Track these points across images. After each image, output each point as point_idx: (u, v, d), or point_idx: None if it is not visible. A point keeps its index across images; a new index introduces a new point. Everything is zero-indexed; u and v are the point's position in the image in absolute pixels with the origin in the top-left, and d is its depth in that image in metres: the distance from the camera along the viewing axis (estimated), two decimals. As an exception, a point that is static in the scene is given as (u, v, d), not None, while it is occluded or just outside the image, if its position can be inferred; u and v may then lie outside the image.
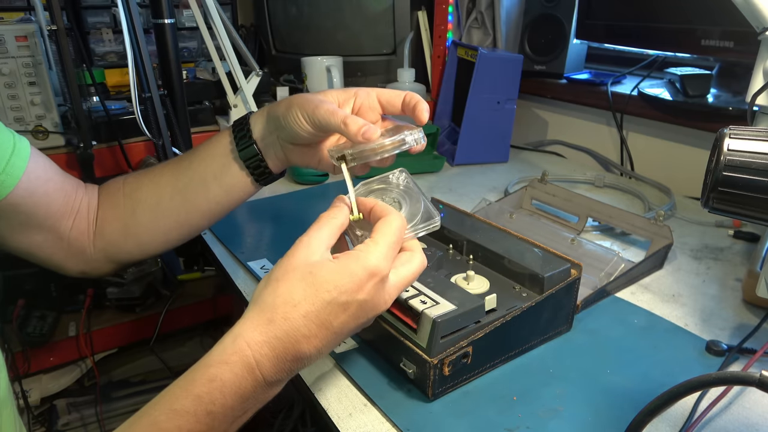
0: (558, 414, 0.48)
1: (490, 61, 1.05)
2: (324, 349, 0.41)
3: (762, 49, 0.63)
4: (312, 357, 0.41)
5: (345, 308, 0.41)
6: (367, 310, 0.42)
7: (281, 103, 0.54)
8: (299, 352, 0.40)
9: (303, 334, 0.40)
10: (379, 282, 0.42)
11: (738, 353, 0.55)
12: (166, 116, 0.90)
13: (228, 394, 0.38)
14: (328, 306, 0.40)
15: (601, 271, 0.66)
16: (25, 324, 1.12)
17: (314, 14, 1.27)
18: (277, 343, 0.39)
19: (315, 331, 0.40)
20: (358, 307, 0.41)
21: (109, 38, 1.22)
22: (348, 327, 0.42)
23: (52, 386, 1.22)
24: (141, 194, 0.61)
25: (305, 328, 0.40)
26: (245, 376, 0.38)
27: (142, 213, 0.60)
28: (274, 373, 0.40)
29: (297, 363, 0.40)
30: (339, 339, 0.42)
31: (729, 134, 0.39)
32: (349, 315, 0.41)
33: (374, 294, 0.42)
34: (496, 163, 1.14)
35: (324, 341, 0.41)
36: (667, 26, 0.95)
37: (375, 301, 0.42)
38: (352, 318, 0.41)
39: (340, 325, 0.41)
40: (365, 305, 0.41)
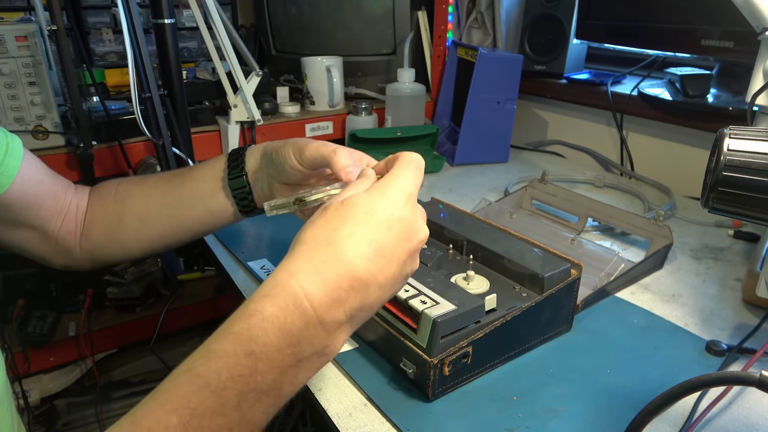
0: (558, 414, 0.48)
1: (490, 61, 1.05)
2: (380, 279, 0.37)
3: (762, 49, 0.63)
4: (371, 286, 0.36)
5: (389, 227, 0.37)
6: (411, 231, 0.38)
7: (275, 143, 0.56)
8: (355, 277, 0.35)
9: (353, 254, 0.35)
10: (412, 201, 0.40)
11: (738, 353, 0.55)
12: (166, 116, 0.90)
13: (271, 331, 0.33)
14: (372, 225, 0.37)
15: (601, 271, 0.66)
16: (25, 324, 1.12)
17: (314, 14, 1.27)
18: (325, 267, 0.35)
19: (364, 251, 0.36)
20: (400, 225, 0.38)
21: (109, 38, 1.22)
22: (396, 249, 0.37)
23: (52, 386, 1.22)
24: (131, 202, 0.62)
25: (353, 248, 0.36)
26: (291, 308, 0.34)
27: (129, 221, 0.61)
28: (328, 307, 0.35)
29: (356, 295, 0.35)
30: (394, 267, 0.38)
31: (729, 134, 0.39)
32: (394, 235, 0.37)
33: (411, 212, 0.39)
34: (496, 163, 1.14)
35: (378, 266, 0.36)
36: (667, 26, 0.95)
37: (413, 222, 0.39)
38: (398, 238, 0.38)
39: (388, 246, 0.37)
40: (406, 223, 0.38)
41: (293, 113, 1.18)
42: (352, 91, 1.29)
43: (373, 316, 0.52)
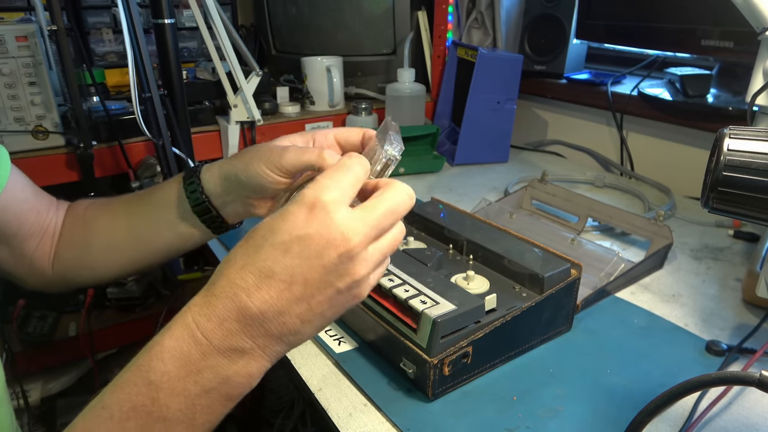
0: (558, 414, 0.48)
1: (490, 61, 1.05)
2: (282, 305, 0.35)
3: (762, 49, 0.63)
4: (268, 315, 0.35)
5: (285, 249, 0.35)
6: (319, 247, 0.34)
7: (235, 162, 0.52)
8: (243, 308, 0.34)
9: (240, 286, 0.35)
10: (321, 212, 0.35)
11: (738, 353, 0.55)
12: (166, 116, 0.90)
13: (169, 360, 0.34)
14: (263, 250, 0.35)
15: (601, 271, 0.66)
16: (25, 324, 1.12)
17: (314, 14, 1.27)
18: (214, 301, 0.35)
19: (253, 281, 0.35)
20: (301, 244, 0.34)
21: (109, 38, 1.22)
22: (298, 271, 0.35)
23: (52, 386, 1.22)
24: (96, 228, 0.60)
25: (241, 279, 0.35)
26: (185, 338, 0.34)
27: (96, 247, 0.59)
28: (220, 335, 0.34)
29: (248, 322, 0.35)
30: (299, 291, 0.35)
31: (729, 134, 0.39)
32: (293, 256, 0.34)
33: (319, 226, 0.34)
34: (496, 163, 1.14)
35: (272, 293, 0.35)
36: (667, 26, 0.95)
37: (324, 234, 0.34)
38: (300, 259, 0.34)
39: (285, 269, 0.35)
40: (311, 241, 0.34)
41: (293, 113, 1.18)
42: (352, 91, 1.29)
43: (373, 316, 0.52)
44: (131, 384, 0.34)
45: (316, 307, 0.36)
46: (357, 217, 0.36)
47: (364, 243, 0.36)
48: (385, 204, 0.37)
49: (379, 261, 0.37)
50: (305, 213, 0.35)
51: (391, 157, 0.42)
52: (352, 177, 0.37)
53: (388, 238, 0.38)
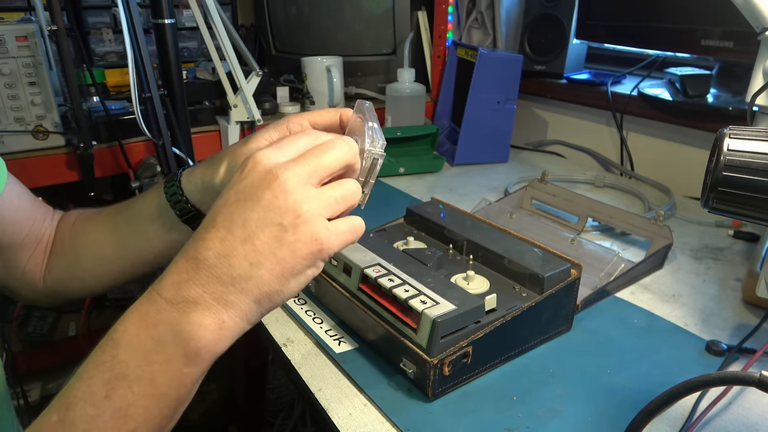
0: (558, 414, 0.48)
1: (490, 61, 1.05)
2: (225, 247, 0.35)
3: (762, 49, 0.63)
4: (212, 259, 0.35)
5: (225, 201, 0.36)
6: (251, 190, 0.36)
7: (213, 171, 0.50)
8: (191, 258, 0.35)
9: (189, 244, 0.36)
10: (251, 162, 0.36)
11: (738, 353, 0.55)
12: (166, 116, 0.90)
13: (128, 321, 0.36)
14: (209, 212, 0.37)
15: (601, 271, 0.66)
16: (25, 324, 1.13)
17: (314, 14, 1.27)
18: (172, 265, 0.36)
19: (200, 234, 0.36)
20: (238, 193, 0.36)
21: (109, 38, 1.22)
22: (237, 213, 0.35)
23: (52, 386, 1.22)
24: (83, 241, 0.59)
25: (192, 239, 0.36)
26: (143, 300, 0.36)
27: (85, 260, 0.59)
28: (171, 288, 0.35)
29: (195, 271, 0.35)
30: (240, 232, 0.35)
31: (729, 134, 0.39)
32: (231, 204, 0.36)
33: (249, 173, 0.36)
34: (496, 163, 1.14)
35: (215, 238, 0.35)
36: (667, 26, 0.95)
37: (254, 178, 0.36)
38: (237, 204, 0.36)
39: (225, 217, 0.36)
40: (245, 187, 0.36)
41: (293, 113, 1.18)
42: (352, 91, 1.29)
43: (373, 316, 0.52)
44: (97, 347, 0.36)
45: (262, 247, 0.35)
46: (279, 152, 0.37)
47: (296, 178, 0.36)
48: (305, 136, 0.39)
49: (324, 203, 0.36)
50: (240, 170, 0.37)
51: (376, 156, 0.42)
52: (292, 139, 0.38)
53: (334, 187, 0.37)
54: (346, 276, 0.57)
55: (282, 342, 0.57)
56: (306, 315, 0.61)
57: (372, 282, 0.53)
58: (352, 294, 0.56)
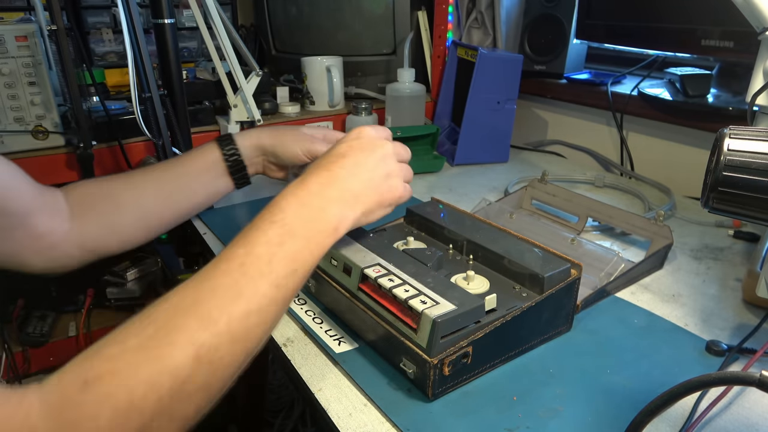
0: (558, 414, 0.48)
1: (490, 61, 1.05)
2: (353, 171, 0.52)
3: (762, 49, 0.63)
4: (345, 176, 0.51)
5: (349, 145, 0.54)
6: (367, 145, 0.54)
7: (273, 138, 0.74)
8: (330, 171, 0.51)
9: (325, 162, 0.53)
10: (367, 130, 0.56)
11: (738, 353, 0.55)
12: (166, 116, 0.90)
13: (287, 199, 0.49)
14: (335, 149, 0.54)
15: (601, 271, 0.66)
16: (25, 324, 1.13)
17: (314, 14, 1.27)
18: (309, 172, 0.52)
19: (334, 159, 0.53)
20: (354, 143, 0.54)
21: (109, 38, 1.22)
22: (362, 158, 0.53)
23: (52, 386, 1.21)
24: (125, 198, 0.68)
25: (325, 160, 0.53)
26: (297, 182, 0.50)
27: (127, 214, 0.68)
28: (317, 187, 0.50)
29: (334, 178, 0.51)
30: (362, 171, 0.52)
31: (729, 134, 0.39)
32: (355, 149, 0.54)
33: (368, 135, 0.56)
34: (496, 163, 1.14)
35: (347, 162, 0.52)
36: (667, 26, 0.95)
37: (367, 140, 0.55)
38: (360, 151, 0.53)
39: (354, 154, 0.53)
40: (358, 143, 0.54)
41: (293, 113, 1.18)
42: (352, 91, 1.29)
43: (373, 316, 0.52)
44: (265, 214, 0.48)
45: (374, 179, 0.53)
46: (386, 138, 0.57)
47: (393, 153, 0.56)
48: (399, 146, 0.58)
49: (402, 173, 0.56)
50: (356, 135, 0.56)
51: None
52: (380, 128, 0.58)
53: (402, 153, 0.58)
54: (346, 276, 0.57)
55: (282, 342, 0.57)
56: (306, 315, 0.61)
57: (372, 282, 0.53)
58: (352, 294, 0.56)
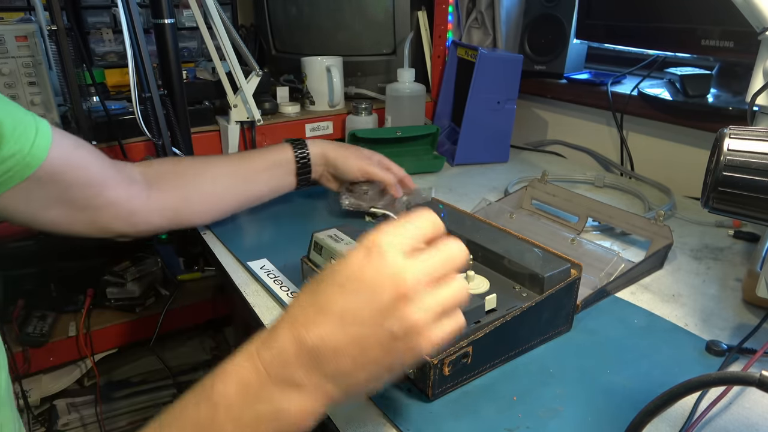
0: (558, 414, 0.48)
1: (490, 61, 1.05)
2: (336, 342, 0.35)
3: (762, 49, 0.63)
4: (323, 351, 0.35)
5: (341, 287, 0.35)
6: (372, 287, 0.35)
7: (338, 151, 0.84)
8: (301, 341, 0.35)
9: (300, 320, 0.36)
10: (377, 255, 0.35)
11: (738, 353, 0.55)
12: (166, 116, 0.90)
13: (229, 383, 0.36)
14: (322, 288, 0.36)
15: (601, 271, 0.66)
16: (25, 324, 1.12)
17: (314, 14, 1.27)
18: (276, 333, 0.36)
19: (312, 316, 0.36)
20: (356, 283, 0.35)
21: (109, 38, 1.22)
22: (353, 308, 0.35)
23: (52, 386, 1.22)
24: (203, 176, 0.76)
25: (302, 314, 0.36)
26: (246, 365, 0.36)
27: (202, 189, 0.76)
28: (277, 365, 0.36)
29: (304, 356, 0.35)
30: (353, 330, 0.35)
31: (729, 134, 0.39)
32: (348, 294, 0.35)
33: (377, 265, 0.35)
34: (496, 163, 1.14)
35: (328, 329, 0.35)
36: (667, 26, 0.95)
37: (381, 272, 0.35)
38: (355, 297, 0.35)
39: (340, 307, 0.35)
40: (365, 280, 0.35)
41: (293, 113, 1.18)
42: (352, 91, 1.29)
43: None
44: (192, 403, 0.36)
45: (369, 351, 0.35)
46: (411, 261, 0.36)
47: (418, 287, 0.35)
48: (439, 253, 0.37)
49: (437, 313, 0.36)
50: (363, 254, 0.36)
51: None
52: (413, 228, 0.37)
53: (447, 290, 0.37)
54: (346, 276, 0.57)
55: (282, 342, 0.57)
56: (306, 315, 0.61)
57: (372, 282, 0.53)
58: (352, 294, 0.56)
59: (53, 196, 0.61)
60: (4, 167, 0.55)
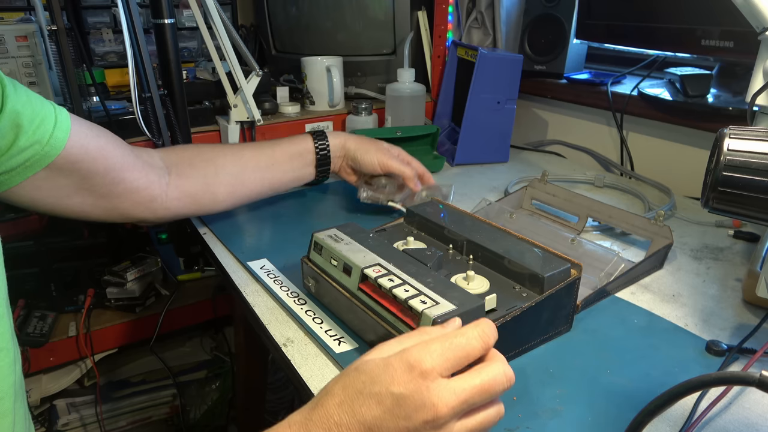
0: (558, 414, 0.48)
1: (490, 61, 1.05)
2: None
3: (762, 49, 0.63)
4: None
5: (378, 400, 0.37)
6: (409, 409, 0.36)
7: (358, 144, 0.84)
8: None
9: (335, 421, 0.38)
10: (419, 377, 0.37)
11: (738, 353, 0.55)
12: (166, 116, 0.90)
13: None
14: (360, 395, 0.38)
15: (601, 271, 0.66)
16: (25, 324, 1.12)
17: (314, 14, 1.27)
18: (311, 426, 0.38)
19: (346, 420, 0.37)
20: (393, 401, 0.37)
21: (109, 38, 1.22)
22: (386, 425, 0.37)
23: (52, 386, 1.22)
24: (224, 162, 0.77)
25: (337, 415, 0.38)
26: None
27: (224, 176, 0.76)
28: None
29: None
30: None
31: (729, 134, 0.39)
32: (384, 409, 0.37)
33: (414, 389, 0.36)
34: (496, 163, 1.14)
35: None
36: (667, 26, 0.95)
37: (416, 398, 0.36)
38: (389, 414, 0.37)
39: (374, 419, 0.37)
40: (403, 401, 0.36)
41: (293, 113, 1.18)
42: (352, 91, 1.29)
43: (373, 316, 0.52)
44: None
45: None
46: (450, 388, 0.37)
47: (450, 414, 0.37)
48: (480, 379, 0.38)
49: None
50: (405, 372, 0.37)
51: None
52: (460, 353, 0.38)
53: (479, 418, 0.38)
54: (346, 276, 0.57)
55: (282, 342, 0.57)
56: (306, 315, 0.61)
57: (372, 282, 0.53)
58: (352, 294, 0.56)
59: (74, 185, 0.63)
60: (22, 156, 0.57)
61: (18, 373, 0.53)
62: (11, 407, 0.50)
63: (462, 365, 0.38)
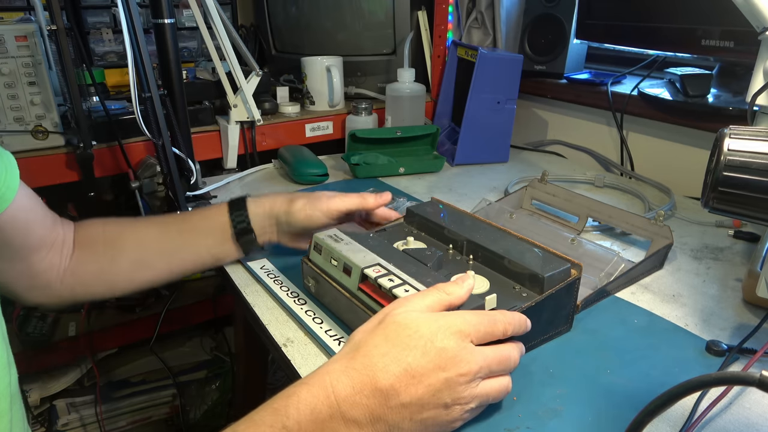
0: (558, 414, 0.48)
1: (490, 61, 1.05)
2: (407, 398, 0.39)
3: (762, 49, 0.63)
4: (392, 399, 0.39)
5: (424, 351, 0.40)
6: (449, 362, 0.40)
7: (284, 207, 0.67)
8: (378, 388, 0.39)
9: (380, 368, 0.40)
10: (459, 337, 0.42)
11: (738, 353, 0.55)
12: (166, 116, 0.90)
13: (303, 411, 0.38)
14: (406, 346, 0.41)
15: (601, 271, 0.66)
16: (25, 324, 1.12)
17: (314, 14, 1.27)
18: (354, 373, 0.40)
19: (393, 369, 0.40)
20: (437, 353, 0.40)
21: (109, 38, 1.22)
22: (427, 373, 0.40)
23: (52, 386, 1.22)
24: (123, 245, 0.65)
25: (382, 363, 0.40)
26: (320, 396, 0.39)
27: (122, 262, 0.65)
28: (350, 405, 0.39)
29: (378, 401, 0.39)
30: (422, 390, 0.40)
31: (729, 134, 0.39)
32: (428, 360, 0.40)
33: (455, 346, 0.41)
34: (496, 163, 1.14)
35: (403, 383, 0.39)
36: (667, 26, 0.95)
37: (457, 353, 0.41)
38: (432, 364, 0.40)
39: (419, 366, 0.40)
40: (445, 354, 0.41)
41: (293, 113, 1.18)
42: (352, 91, 1.29)
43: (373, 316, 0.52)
44: (267, 425, 0.39)
45: (425, 413, 0.40)
46: (481, 351, 0.43)
47: (478, 373, 0.42)
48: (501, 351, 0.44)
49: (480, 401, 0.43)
50: (448, 330, 0.42)
51: None
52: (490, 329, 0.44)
53: (494, 383, 0.44)
54: (346, 276, 0.57)
55: (282, 342, 0.57)
56: (306, 315, 0.61)
57: (372, 282, 0.53)
58: (352, 294, 0.56)
59: None
60: None
61: (13, 375, 0.52)
62: (7, 408, 0.50)
63: (488, 340, 0.44)
